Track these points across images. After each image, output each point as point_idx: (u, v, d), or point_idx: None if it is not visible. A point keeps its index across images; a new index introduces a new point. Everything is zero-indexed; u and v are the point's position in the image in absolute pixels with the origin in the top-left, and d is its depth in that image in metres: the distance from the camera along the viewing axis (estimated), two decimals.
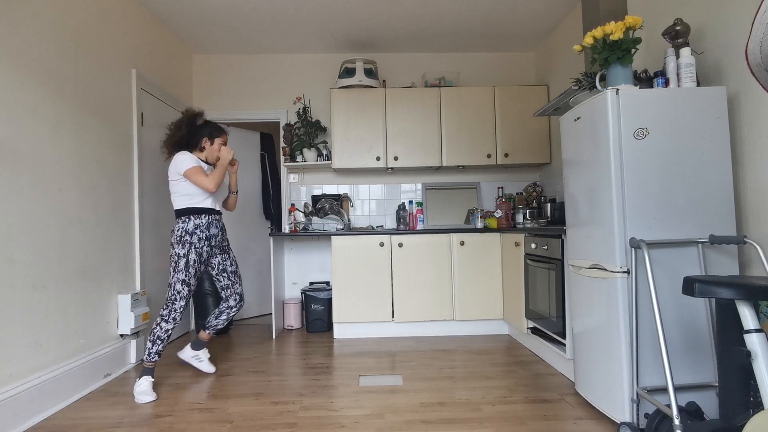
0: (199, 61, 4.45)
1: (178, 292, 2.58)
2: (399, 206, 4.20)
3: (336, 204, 4.20)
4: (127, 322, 2.95)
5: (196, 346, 2.92)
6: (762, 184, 1.94)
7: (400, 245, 3.70)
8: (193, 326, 4.15)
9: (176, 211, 2.65)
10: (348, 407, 2.31)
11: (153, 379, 2.52)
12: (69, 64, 2.57)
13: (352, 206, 4.44)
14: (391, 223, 4.47)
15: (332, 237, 3.71)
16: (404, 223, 4.15)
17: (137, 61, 3.34)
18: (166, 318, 2.57)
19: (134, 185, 3.23)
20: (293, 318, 4.12)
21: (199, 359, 2.90)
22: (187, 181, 2.60)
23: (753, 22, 1.92)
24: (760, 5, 1.86)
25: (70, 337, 2.52)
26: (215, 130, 2.76)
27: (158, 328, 2.57)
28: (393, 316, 3.68)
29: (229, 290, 2.86)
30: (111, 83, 2.99)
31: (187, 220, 2.61)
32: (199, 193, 2.64)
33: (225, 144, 2.77)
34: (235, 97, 4.46)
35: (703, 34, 2.25)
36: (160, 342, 2.56)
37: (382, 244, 3.70)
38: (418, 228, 3.97)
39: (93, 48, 2.80)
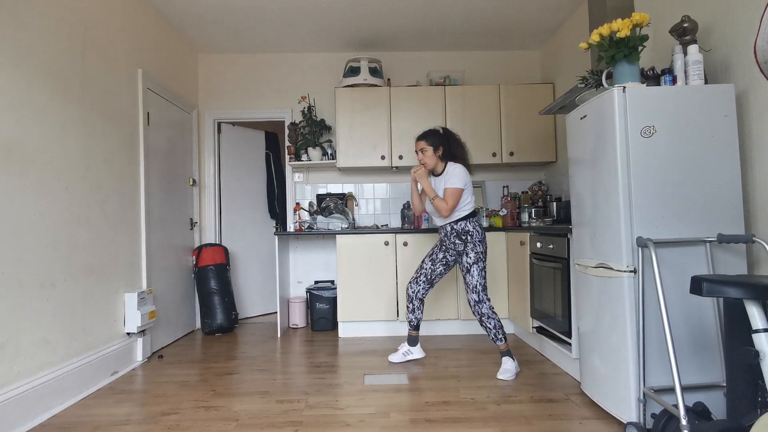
0: (204, 60, 4.46)
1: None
2: (404, 205, 4.21)
3: (341, 203, 4.20)
4: (133, 321, 2.97)
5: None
6: None
7: (405, 244, 3.70)
8: (198, 325, 4.16)
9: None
10: (353, 406, 2.32)
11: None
12: (76, 64, 2.59)
13: (356, 205, 4.44)
14: (395, 222, 4.46)
15: (337, 236, 3.72)
16: (409, 222, 4.14)
17: (143, 60, 3.35)
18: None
19: (140, 184, 3.25)
20: (298, 317, 4.13)
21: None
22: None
23: (761, 20, 1.90)
24: None
25: (78, 335, 2.54)
26: None
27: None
28: (398, 315, 3.67)
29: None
30: (117, 83, 3.01)
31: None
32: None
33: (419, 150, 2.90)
34: (240, 97, 4.47)
35: (711, 31, 2.23)
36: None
37: (386, 243, 3.70)
38: (423, 227, 3.96)
39: (99, 48, 2.82)
